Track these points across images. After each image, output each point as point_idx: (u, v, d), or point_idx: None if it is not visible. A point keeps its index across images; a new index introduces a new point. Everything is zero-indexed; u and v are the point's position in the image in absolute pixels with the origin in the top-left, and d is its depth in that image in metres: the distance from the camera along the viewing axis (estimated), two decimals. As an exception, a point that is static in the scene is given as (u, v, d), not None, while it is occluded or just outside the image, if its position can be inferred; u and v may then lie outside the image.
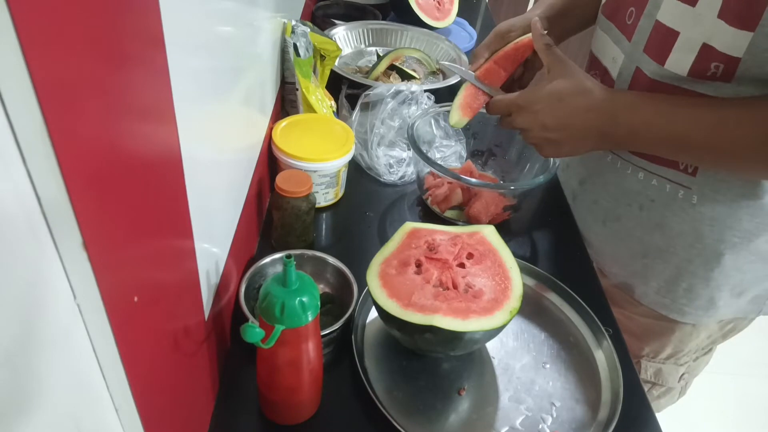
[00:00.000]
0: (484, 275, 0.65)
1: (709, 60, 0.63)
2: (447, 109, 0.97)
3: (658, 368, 0.91)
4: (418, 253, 0.67)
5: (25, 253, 0.25)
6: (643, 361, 0.91)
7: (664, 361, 0.90)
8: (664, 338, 0.87)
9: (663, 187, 0.75)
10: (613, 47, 0.77)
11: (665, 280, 0.81)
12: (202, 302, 0.53)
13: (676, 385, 0.93)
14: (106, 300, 0.31)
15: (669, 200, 0.76)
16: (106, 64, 0.30)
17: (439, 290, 0.63)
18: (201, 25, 0.48)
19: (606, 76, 0.79)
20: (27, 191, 0.25)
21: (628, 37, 0.73)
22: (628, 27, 0.73)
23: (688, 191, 0.73)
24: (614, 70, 0.77)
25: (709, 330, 0.85)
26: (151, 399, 0.40)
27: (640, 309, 0.86)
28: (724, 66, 0.62)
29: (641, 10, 0.70)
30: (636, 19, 0.72)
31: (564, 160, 0.97)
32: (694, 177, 0.72)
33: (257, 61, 0.74)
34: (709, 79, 0.64)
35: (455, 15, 1.46)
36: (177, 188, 0.43)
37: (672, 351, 0.88)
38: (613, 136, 0.69)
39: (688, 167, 0.72)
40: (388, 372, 0.66)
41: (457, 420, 0.62)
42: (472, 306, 0.61)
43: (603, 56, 0.81)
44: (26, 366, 0.26)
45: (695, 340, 0.86)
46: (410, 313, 0.60)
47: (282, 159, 0.82)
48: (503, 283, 0.64)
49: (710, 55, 0.63)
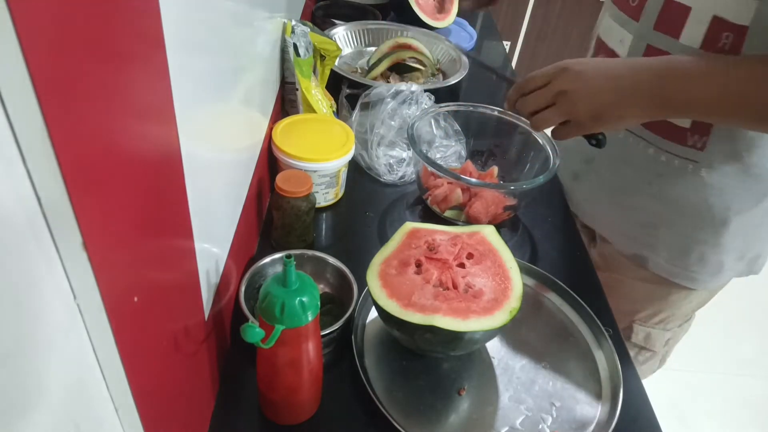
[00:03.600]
0: (484, 275, 0.65)
1: (720, 30, 0.67)
2: (447, 109, 0.97)
3: (648, 332, 0.94)
4: (418, 253, 0.67)
5: (25, 253, 0.25)
6: (635, 324, 0.93)
7: (654, 326, 0.93)
8: (661, 302, 0.90)
9: (671, 162, 0.78)
10: (619, 30, 0.79)
11: (677, 250, 0.84)
12: (202, 302, 0.53)
13: (661, 350, 0.97)
14: (106, 300, 0.31)
15: (677, 174, 0.78)
16: (106, 64, 0.30)
17: (439, 290, 0.63)
18: (201, 25, 0.48)
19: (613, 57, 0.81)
20: (27, 191, 0.25)
21: (635, 18, 0.76)
22: (632, 8, 0.76)
23: (696, 165, 0.76)
24: (622, 51, 0.79)
25: (702, 296, 0.89)
26: (151, 399, 0.40)
27: (642, 274, 0.88)
28: (734, 36, 0.66)
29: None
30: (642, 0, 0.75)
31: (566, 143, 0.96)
32: (703, 152, 0.75)
33: (257, 61, 0.74)
34: (720, 50, 0.67)
35: (455, 15, 1.46)
36: (177, 188, 0.43)
37: (664, 315, 0.92)
38: (664, 95, 0.65)
39: (697, 142, 0.74)
40: (388, 372, 0.66)
41: (457, 420, 0.62)
42: (472, 306, 0.61)
43: (609, 39, 0.83)
44: (26, 366, 0.26)
45: (688, 304, 0.90)
46: (410, 313, 0.60)
47: (282, 159, 0.82)
48: (503, 283, 0.64)
49: (721, 26, 0.67)
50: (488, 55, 1.54)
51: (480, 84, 1.34)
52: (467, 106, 0.97)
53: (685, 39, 0.70)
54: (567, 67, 0.68)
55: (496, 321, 0.60)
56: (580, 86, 0.67)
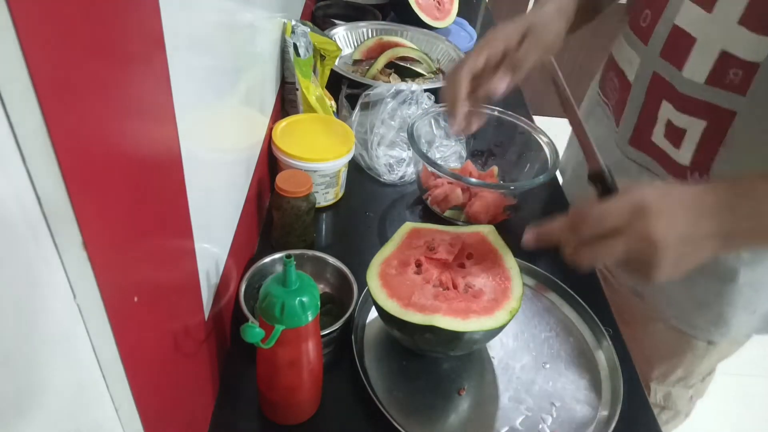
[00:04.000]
0: (484, 275, 0.65)
1: (728, 67, 0.62)
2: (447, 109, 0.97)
3: (668, 391, 0.88)
4: (418, 252, 0.67)
5: (25, 253, 0.25)
6: (653, 384, 0.88)
7: (674, 384, 0.87)
8: (675, 359, 0.84)
9: None
10: (628, 50, 0.76)
11: (677, 290, 0.78)
12: (202, 302, 0.53)
13: (685, 408, 0.90)
14: (106, 300, 0.31)
15: None
16: (106, 64, 0.30)
17: (439, 290, 0.63)
18: (201, 25, 0.48)
19: (621, 78, 0.78)
20: (27, 191, 0.25)
21: (644, 41, 0.72)
22: (643, 30, 0.72)
23: None
24: (630, 73, 0.76)
25: (721, 351, 0.83)
26: (151, 399, 0.40)
27: (651, 327, 0.83)
28: (743, 73, 0.61)
29: (658, 14, 0.69)
30: (652, 22, 0.70)
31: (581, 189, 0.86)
32: None
33: (257, 61, 0.74)
34: (726, 87, 0.63)
35: (455, 15, 1.46)
36: (177, 188, 0.43)
37: (683, 373, 0.85)
38: (734, 230, 0.53)
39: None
40: (388, 372, 0.66)
41: (457, 420, 0.62)
42: (472, 306, 0.61)
43: (620, 58, 0.79)
44: (26, 366, 0.26)
45: (707, 362, 0.83)
46: (410, 312, 0.60)
47: (282, 159, 0.82)
48: (503, 284, 0.64)
49: (729, 62, 0.62)
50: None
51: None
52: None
53: (689, 72, 0.65)
54: (645, 208, 0.51)
55: (496, 321, 0.60)
56: (673, 238, 0.51)
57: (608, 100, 0.84)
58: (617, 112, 0.81)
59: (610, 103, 0.83)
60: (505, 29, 0.71)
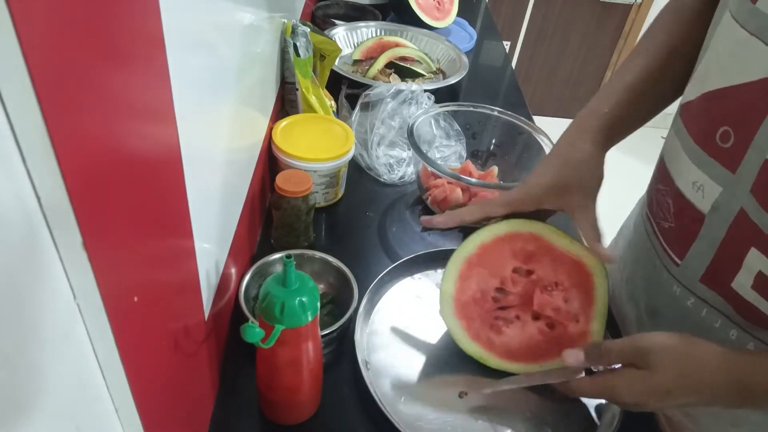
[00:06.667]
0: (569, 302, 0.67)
1: None
2: (447, 109, 0.97)
3: None
4: (507, 268, 0.68)
5: (25, 253, 0.25)
6: None
7: None
8: None
9: (746, 344, 0.58)
10: (695, 171, 0.57)
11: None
12: (202, 302, 0.53)
13: None
14: (106, 300, 0.31)
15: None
16: (106, 64, 0.30)
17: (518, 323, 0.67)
18: (201, 25, 0.48)
19: (681, 200, 0.60)
20: (27, 191, 0.25)
21: (726, 165, 0.54)
22: (722, 152, 0.54)
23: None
24: (700, 201, 0.57)
25: None
26: (151, 399, 0.40)
27: None
28: None
29: (746, 139, 0.52)
30: (739, 147, 0.52)
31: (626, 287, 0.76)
32: None
33: (257, 61, 0.74)
34: None
35: (455, 15, 1.47)
36: (177, 188, 0.43)
37: None
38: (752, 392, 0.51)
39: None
40: (389, 372, 0.66)
41: (457, 421, 0.62)
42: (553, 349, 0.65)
43: (678, 177, 0.61)
44: (26, 366, 0.26)
45: None
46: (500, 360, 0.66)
47: (282, 159, 0.82)
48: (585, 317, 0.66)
49: None
50: (488, 55, 1.54)
51: (480, 84, 1.34)
52: (467, 106, 0.97)
53: None
54: (663, 393, 0.52)
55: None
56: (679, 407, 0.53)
57: (656, 220, 0.67)
58: (676, 243, 0.63)
59: (662, 224, 0.65)
60: (538, 195, 0.67)
